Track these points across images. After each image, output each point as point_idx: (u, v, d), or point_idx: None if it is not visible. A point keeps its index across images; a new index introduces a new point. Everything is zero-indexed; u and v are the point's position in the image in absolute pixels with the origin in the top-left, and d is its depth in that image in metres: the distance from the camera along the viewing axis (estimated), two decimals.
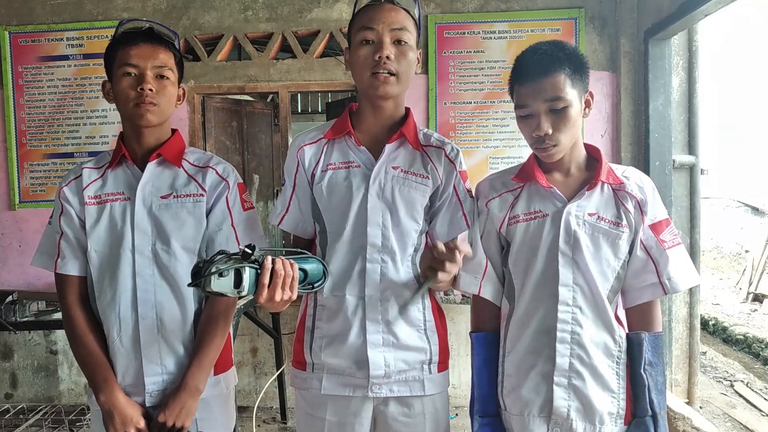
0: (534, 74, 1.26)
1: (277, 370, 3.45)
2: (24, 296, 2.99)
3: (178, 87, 1.46)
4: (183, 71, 1.49)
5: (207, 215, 1.43)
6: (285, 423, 3.48)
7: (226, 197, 1.45)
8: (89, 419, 2.56)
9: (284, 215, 1.44)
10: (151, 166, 1.42)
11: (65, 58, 3.54)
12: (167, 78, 1.39)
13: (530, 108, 1.28)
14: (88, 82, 3.53)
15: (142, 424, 1.35)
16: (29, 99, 3.56)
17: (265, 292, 1.12)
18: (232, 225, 1.45)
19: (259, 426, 3.43)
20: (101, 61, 1.45)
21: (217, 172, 1.45)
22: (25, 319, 2.86)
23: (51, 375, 3.70)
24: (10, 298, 2.83)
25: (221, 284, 1.09)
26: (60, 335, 3.65)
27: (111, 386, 1.36)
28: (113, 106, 1.44)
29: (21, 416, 3.47)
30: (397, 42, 1.31)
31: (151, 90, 1.35)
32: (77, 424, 3.33)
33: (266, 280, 1.11)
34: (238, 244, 1.44)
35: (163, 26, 1.46)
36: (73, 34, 3.54)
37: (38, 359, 3.70)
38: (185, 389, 1.36)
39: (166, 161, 1.44)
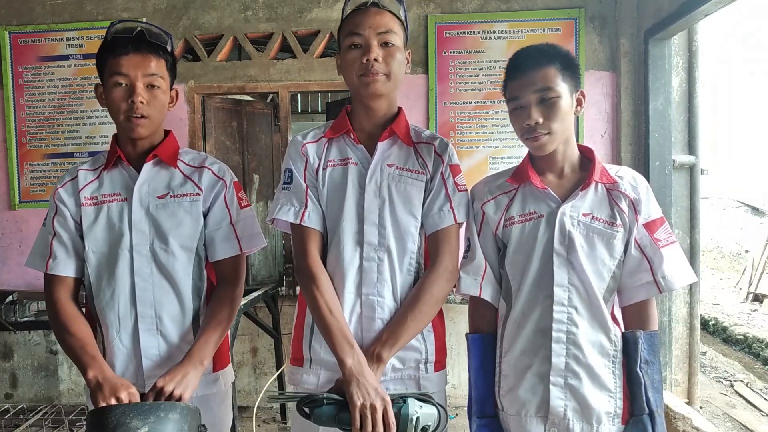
0: (525, 67, 1.30)
1: (277, 370, 3.45)
2: (24, 296, 3.00)
3: (171, 89, 1.46)
4: (176, 73, 1.48)
5: (205, 215, 1.44)
6: (285, 423, 3.48)
7: (224, 196, 1.46)
8: None
9: (304, 211, 1.38)
10: (147, 167, 1.43)
11: (65, 58, 3.55)
12: (158, 87, 1.38)
13: (521, 100, 1.30)
14: (88, 82, 3.53)
15: (133, 389, 1.26)
16: (29, 99, 3.56)
17: None
18: (231, 223, 1.46)
19: (259, 426, 3.43)
20: None
21: (213, 172, 1.47)
22: (25, 319, 2.87)
23: (51, 375, 3.70)
24: (10, 298, 2.84)
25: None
26: None
27: (99, 363, 1.30)
28: None
29: (21, 416, 3.47)
30: (384, 44, 1.33)
31: (142, 102, 1.35)
32: (77, 424, 3.33)
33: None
34: (238, 242, 1.46)
35: (156, 27, 1.44)
36: (73, 34, 3.54)
37: (38, 359, 3.71)
38: (189, 360, 1.33)
39: (162, 162, 1.44)
